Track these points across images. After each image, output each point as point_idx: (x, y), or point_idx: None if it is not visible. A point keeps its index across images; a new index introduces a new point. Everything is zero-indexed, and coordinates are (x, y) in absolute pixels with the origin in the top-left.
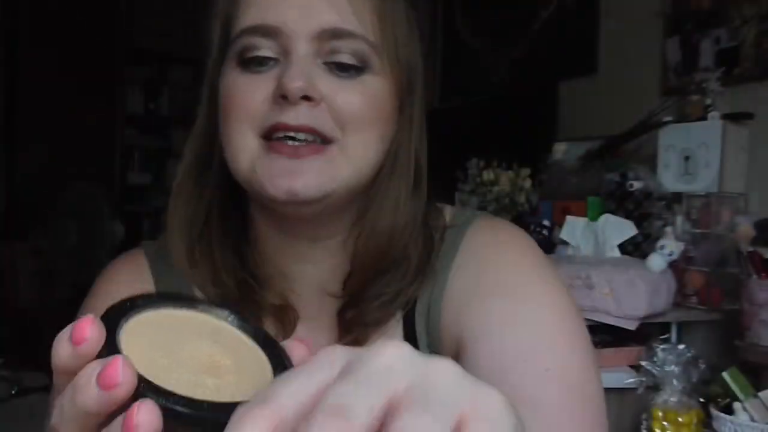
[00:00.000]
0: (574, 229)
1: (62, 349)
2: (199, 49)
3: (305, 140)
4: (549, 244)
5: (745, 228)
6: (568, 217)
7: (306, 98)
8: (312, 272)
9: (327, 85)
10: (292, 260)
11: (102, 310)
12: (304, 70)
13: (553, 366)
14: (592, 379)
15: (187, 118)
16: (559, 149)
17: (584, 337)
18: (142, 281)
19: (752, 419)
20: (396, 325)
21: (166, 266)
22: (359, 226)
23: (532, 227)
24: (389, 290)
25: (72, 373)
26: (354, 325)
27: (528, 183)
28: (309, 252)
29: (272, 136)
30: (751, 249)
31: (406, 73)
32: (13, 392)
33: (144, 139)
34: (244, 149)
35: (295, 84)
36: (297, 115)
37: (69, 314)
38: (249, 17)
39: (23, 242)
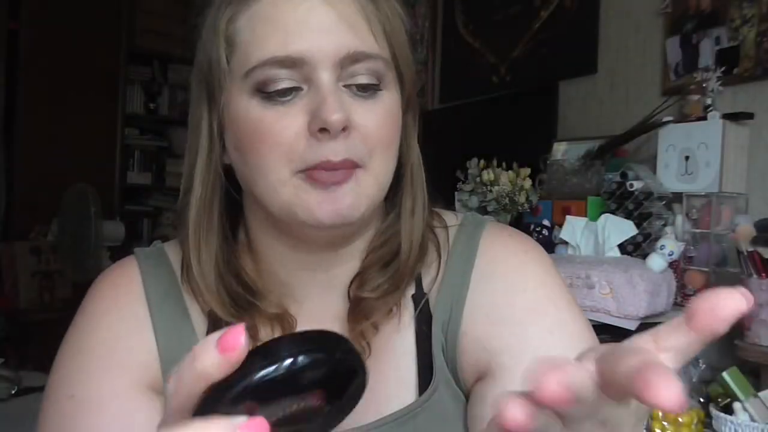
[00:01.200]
0: (574, 229)
1: (208, 355)
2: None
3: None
4: (549, 244)
5: (745, 228)
6: (568, 217)
7: (343, 128)
8: (320, 278)
9: (356, 110)
10: (297, 270)
11: (96, 335)
12: (339, 100)
13: None
14: None
15: (187, 118)
16: (559, 149)
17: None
18: (133, 301)
19: (752, 419)
20: (408, 325)
21: (159, 279)
22: (381, 235)
23: (532, 227)
24: (389, 281)
25: (210, 379)
26: (361, 319)
27: (528, 183)
28: (321, 261)
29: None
30: (751, 249)
31: (408, 83)
32: (13, 392)
33: (144, 139)
34: (284, 183)
35: (336, 116)
36: (336, 150)
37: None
38: (268, 47)
39: (23, 242)
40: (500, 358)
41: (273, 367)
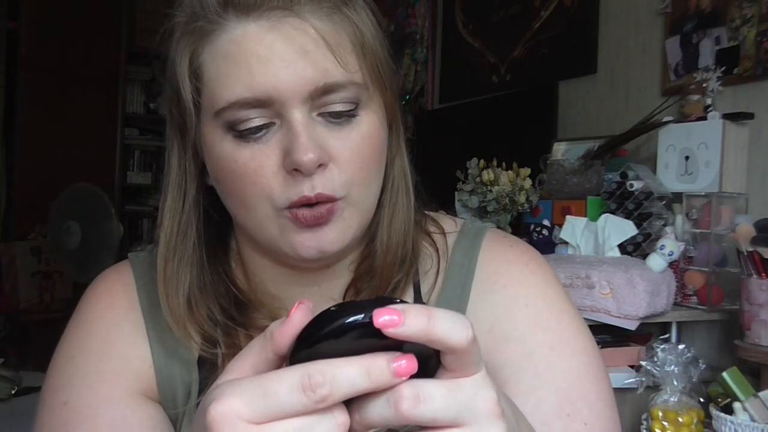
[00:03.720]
0: (574, 229)
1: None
2: None
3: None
4: (549, 244)
5: (745, 228)
6: (568, 217)
7: (319, 165)
8: (314, 292)
9: (331, 141)
10: (289, 286)
11: (90, 341)
12: (311, 137)
13: (590, 420)
14: (617, 418)
15: None
16: (559, 149)
17: (605, 375)
18: (127, 308)
19: (752, 419)
20: None
21: (153, 285)
22: (369, 247)
23: (532, 227)
24: (376, 291)
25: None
26: None
27: (528, 183)
28: (314, 278)
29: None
30: (751, 249)
31: (390, 90)
32: (13, 392)
33: (144, 139)
34: (270, 219)
35: (308, 157)
36: (313, 185)
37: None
38: (234, 88)
39: (23, 242)
40: (501, 374)
41: (361, 315)
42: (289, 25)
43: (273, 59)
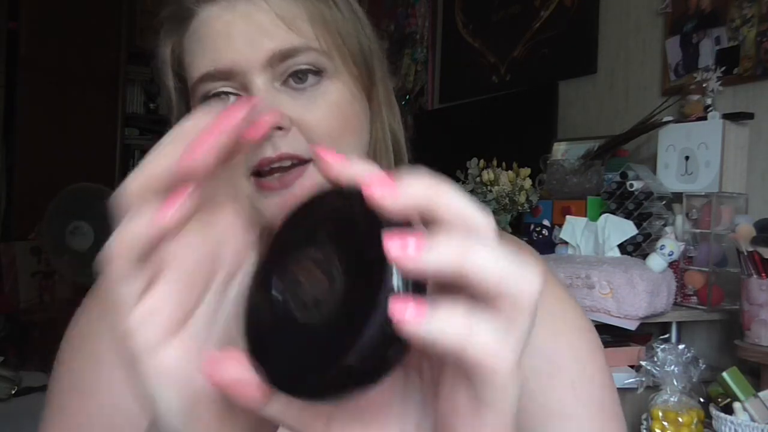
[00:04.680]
0: (574, 229)
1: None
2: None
3: (289, 165)
4: (549, 244)
5: (745, 228)
6: (568, 217)
7: (279, 128)
8: None
9: (292, 108)
10: None
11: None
12: (269, 100)
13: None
14: (622, 418)
15: None
16: (559, 149)
17: (610, 383)
18: None
19: (752, 419)
20: None
21: None
22: None
23: (532, 227)
24: None
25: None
26: None
27: (528, 183)
28: None
29: (259, 172)
30: (751, 249)
31: (363, 64)
32: (13, 392)
33: (144, 139)
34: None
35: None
36: (274, 146)
37: (69, 314)
38: (201, 64)
39: (23, 242)
40: None
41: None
42: (245, 3)
43: (232, 33)
